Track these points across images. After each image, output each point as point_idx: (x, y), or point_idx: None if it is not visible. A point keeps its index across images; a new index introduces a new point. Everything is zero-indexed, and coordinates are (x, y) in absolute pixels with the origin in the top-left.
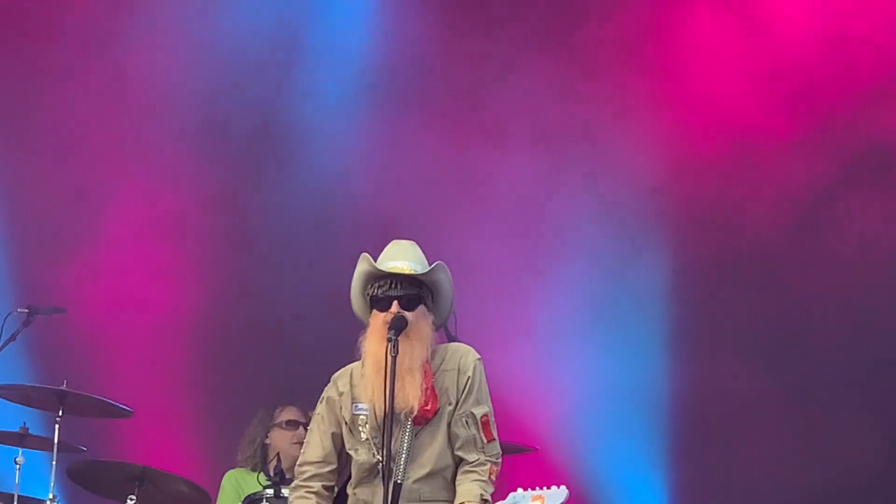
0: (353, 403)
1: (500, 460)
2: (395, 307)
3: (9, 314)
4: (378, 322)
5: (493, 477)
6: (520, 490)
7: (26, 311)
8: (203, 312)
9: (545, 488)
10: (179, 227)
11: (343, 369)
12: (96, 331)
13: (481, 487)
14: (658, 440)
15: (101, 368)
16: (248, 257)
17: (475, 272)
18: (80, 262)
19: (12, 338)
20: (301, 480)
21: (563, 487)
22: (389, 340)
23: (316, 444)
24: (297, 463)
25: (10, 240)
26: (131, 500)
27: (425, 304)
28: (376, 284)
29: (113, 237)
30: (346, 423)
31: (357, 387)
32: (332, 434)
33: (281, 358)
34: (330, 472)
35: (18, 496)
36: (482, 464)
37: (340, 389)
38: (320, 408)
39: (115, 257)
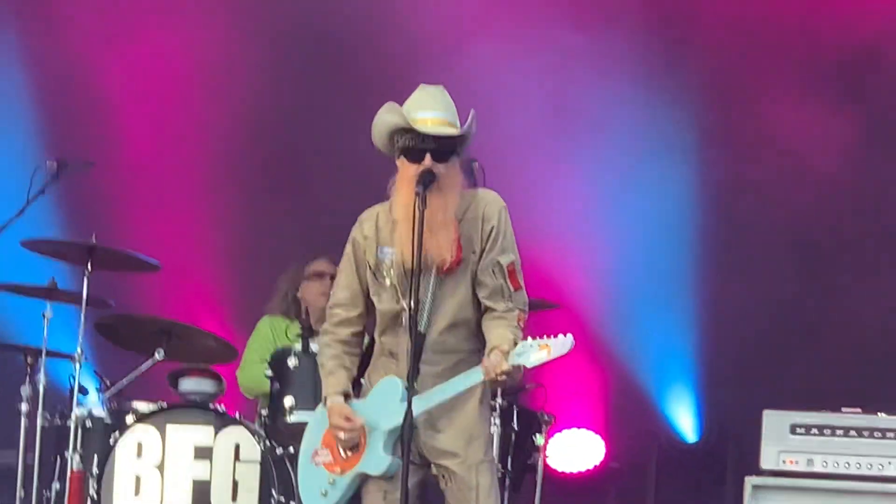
0: (378, 247)
1: (527, 308)
2: (427, 161)
3: (37, 168)
4: (409, 172)
5: (521, 324)
6: (529, 339)
7: (55, 164)
8: (232, 167)
9: (552, 337)
10: (210, 77)
11: (369, 210)
12: (126, 185)
13: (513, 333)
14: (687, 297)
15: (130, 223)
16: (280, 108)
17: (503, 116)
18: (110, 114)
19: (41, 191)
20: (330, 324)
21: (568, 336)
22: (417, 195)
23: (344, 286)
24: (328, 305)
25: (38, 93)
26: (159, 353)
27: (457, 153)
28: (407, 136)
29: (141, 87)
30: (370, 267)
31: (383, 230)
32: (359, 276)
33: (311, 211)
34: (358, 315)
35: (46, 350)
36: (510, 310)
37: (366, 233)
38: (348, 248)
39: (144, 107)
